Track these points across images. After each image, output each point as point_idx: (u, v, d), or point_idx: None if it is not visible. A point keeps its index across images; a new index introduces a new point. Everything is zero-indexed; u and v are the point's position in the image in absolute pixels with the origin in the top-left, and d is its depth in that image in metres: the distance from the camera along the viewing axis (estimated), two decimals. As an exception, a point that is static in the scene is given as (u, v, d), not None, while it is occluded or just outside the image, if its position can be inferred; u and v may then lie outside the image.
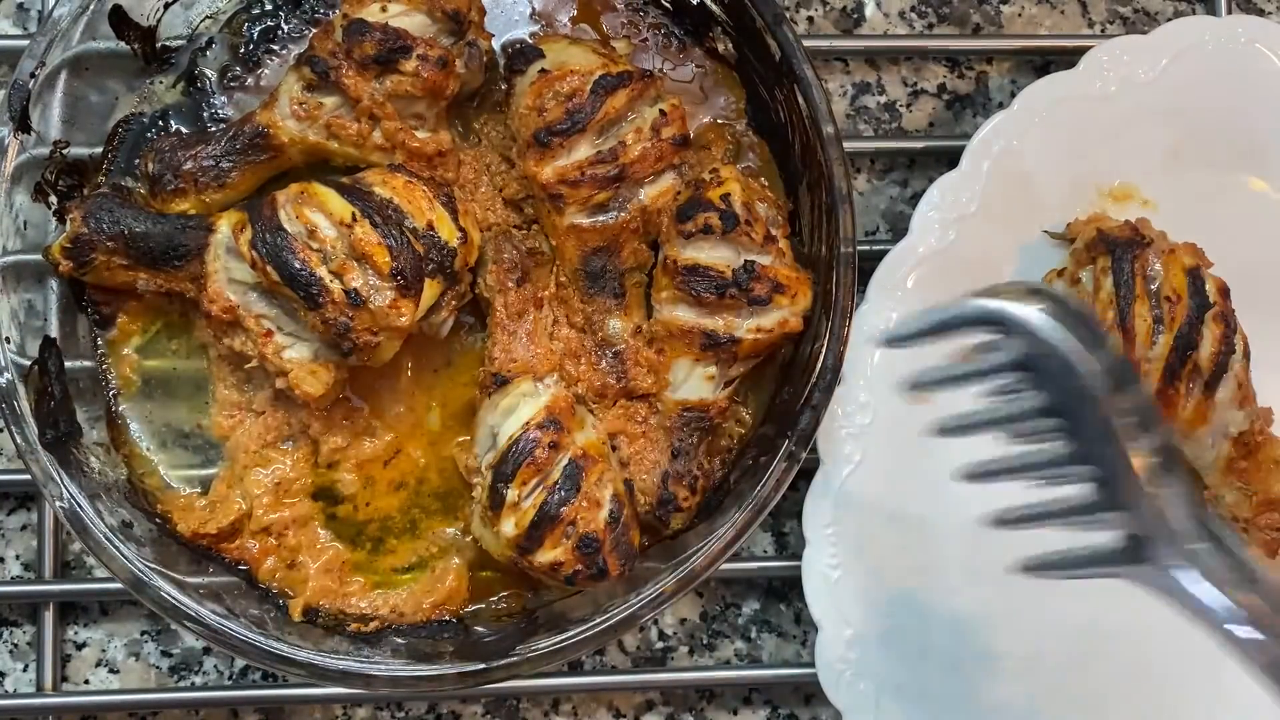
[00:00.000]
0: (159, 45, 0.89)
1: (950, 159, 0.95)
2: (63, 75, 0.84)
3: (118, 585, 0.81)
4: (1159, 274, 0.88)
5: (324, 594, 0.86)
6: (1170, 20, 0.98)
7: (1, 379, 0.80)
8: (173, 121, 0.89)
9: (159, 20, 0.88)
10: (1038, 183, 0.94)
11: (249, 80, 0.90)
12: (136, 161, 0.87)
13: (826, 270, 0.84)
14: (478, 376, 0.88)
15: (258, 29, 0.90)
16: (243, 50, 0.90)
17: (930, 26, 1.04)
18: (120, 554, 0.80)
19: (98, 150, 0.87)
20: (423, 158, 0.85)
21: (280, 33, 0.90)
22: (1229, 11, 1.02)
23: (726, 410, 0.87)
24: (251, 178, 0.86)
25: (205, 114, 0.89)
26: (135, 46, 0.87)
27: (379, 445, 0.88)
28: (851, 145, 0.99)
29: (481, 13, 0.88)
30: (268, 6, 0.90)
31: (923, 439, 0.74)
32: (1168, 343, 0.87)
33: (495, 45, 0.90)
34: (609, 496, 0.81)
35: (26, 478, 0.86)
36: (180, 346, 0.88)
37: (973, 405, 0.71)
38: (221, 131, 0.86)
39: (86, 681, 0.94)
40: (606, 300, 0.87)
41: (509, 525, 0.80)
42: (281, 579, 0.86)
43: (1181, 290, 0.87)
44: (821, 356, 0.83)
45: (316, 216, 0.79)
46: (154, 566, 0.80)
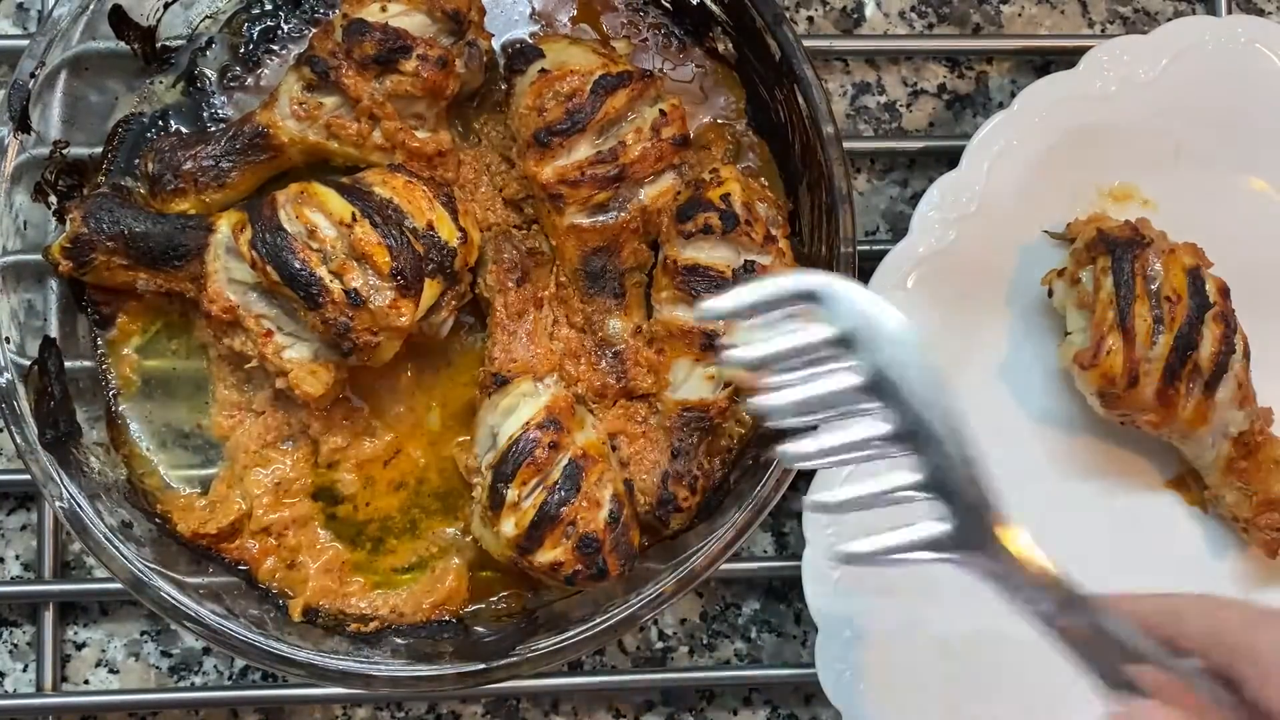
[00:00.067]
0: (159, 45, 0.89)
1: (950, 159, 0.95)
2: (63, 75, 0.84)
3: (118, 585, 0.81)
4: (1159, 274, 0.88)
5: (324, 594, 0.86)
6: (1170, 20, 0.98)
7: (1, 379, 0.80)
8: (173, 121, 0.89)
9: (159, 20, 0.88)
10: (1038, 183, 0.94)
11: (249, 80, 0.90)
12: (136, 161, 0.87)
13: (826, 270, 0.84)
14: (478, 376, 0.88)
15: (258, 29, 0.90)
16: (243, 50, 0.90)
17: (930, 26, 1.04)
18: (120, 554, 0.80)
19: (98, 150, 0.87)
20: (423, 158, 0.85)
21: (280, 33, 0.90)
22: (1229, 11, 1.02)
23: (726, 410, 0.87)
24: (251, 178, 0.86)
25: (205, 114, 0.89)
26: (135, 46, 0.87)
27: (379, 445, 0.88)
28: (851, 145, 0.99)
29: (481, 12, 0.88)
30: (268, 6, 0.90)
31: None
32: (1168, 343, 0.87)
33: (495, 45, 0.90)
34: (609, 496, 0.81)
35: (26, 478, 0.86)
36: (180, 346, 0.88)
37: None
38: (221, 131, 0.86)
39: (86, 682, 0.94)
40: (606, 300, 0.87)
41: (509, 525, 0.80)
42: (281, 579, 0.86)
43: (1181, 290, 0.87)
44: (821, 357, 0.83)
45: (316, 216, 0.79)
46: (154, 566, 0.80)
